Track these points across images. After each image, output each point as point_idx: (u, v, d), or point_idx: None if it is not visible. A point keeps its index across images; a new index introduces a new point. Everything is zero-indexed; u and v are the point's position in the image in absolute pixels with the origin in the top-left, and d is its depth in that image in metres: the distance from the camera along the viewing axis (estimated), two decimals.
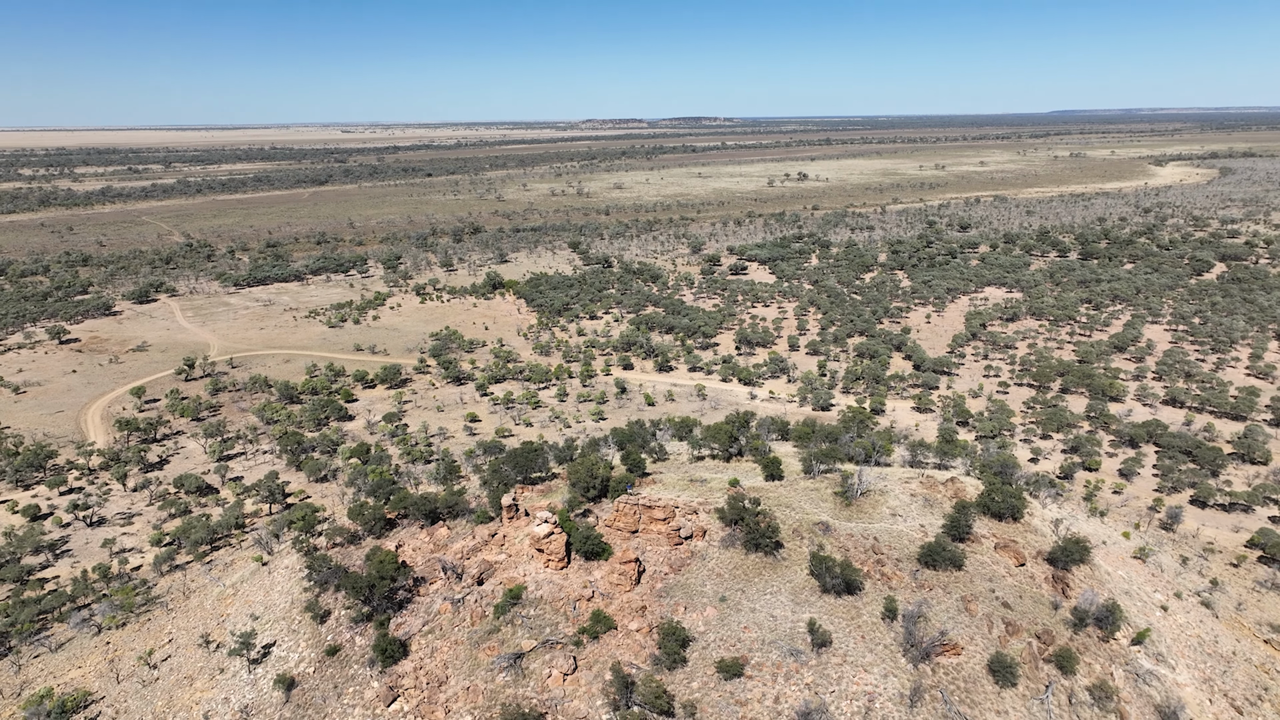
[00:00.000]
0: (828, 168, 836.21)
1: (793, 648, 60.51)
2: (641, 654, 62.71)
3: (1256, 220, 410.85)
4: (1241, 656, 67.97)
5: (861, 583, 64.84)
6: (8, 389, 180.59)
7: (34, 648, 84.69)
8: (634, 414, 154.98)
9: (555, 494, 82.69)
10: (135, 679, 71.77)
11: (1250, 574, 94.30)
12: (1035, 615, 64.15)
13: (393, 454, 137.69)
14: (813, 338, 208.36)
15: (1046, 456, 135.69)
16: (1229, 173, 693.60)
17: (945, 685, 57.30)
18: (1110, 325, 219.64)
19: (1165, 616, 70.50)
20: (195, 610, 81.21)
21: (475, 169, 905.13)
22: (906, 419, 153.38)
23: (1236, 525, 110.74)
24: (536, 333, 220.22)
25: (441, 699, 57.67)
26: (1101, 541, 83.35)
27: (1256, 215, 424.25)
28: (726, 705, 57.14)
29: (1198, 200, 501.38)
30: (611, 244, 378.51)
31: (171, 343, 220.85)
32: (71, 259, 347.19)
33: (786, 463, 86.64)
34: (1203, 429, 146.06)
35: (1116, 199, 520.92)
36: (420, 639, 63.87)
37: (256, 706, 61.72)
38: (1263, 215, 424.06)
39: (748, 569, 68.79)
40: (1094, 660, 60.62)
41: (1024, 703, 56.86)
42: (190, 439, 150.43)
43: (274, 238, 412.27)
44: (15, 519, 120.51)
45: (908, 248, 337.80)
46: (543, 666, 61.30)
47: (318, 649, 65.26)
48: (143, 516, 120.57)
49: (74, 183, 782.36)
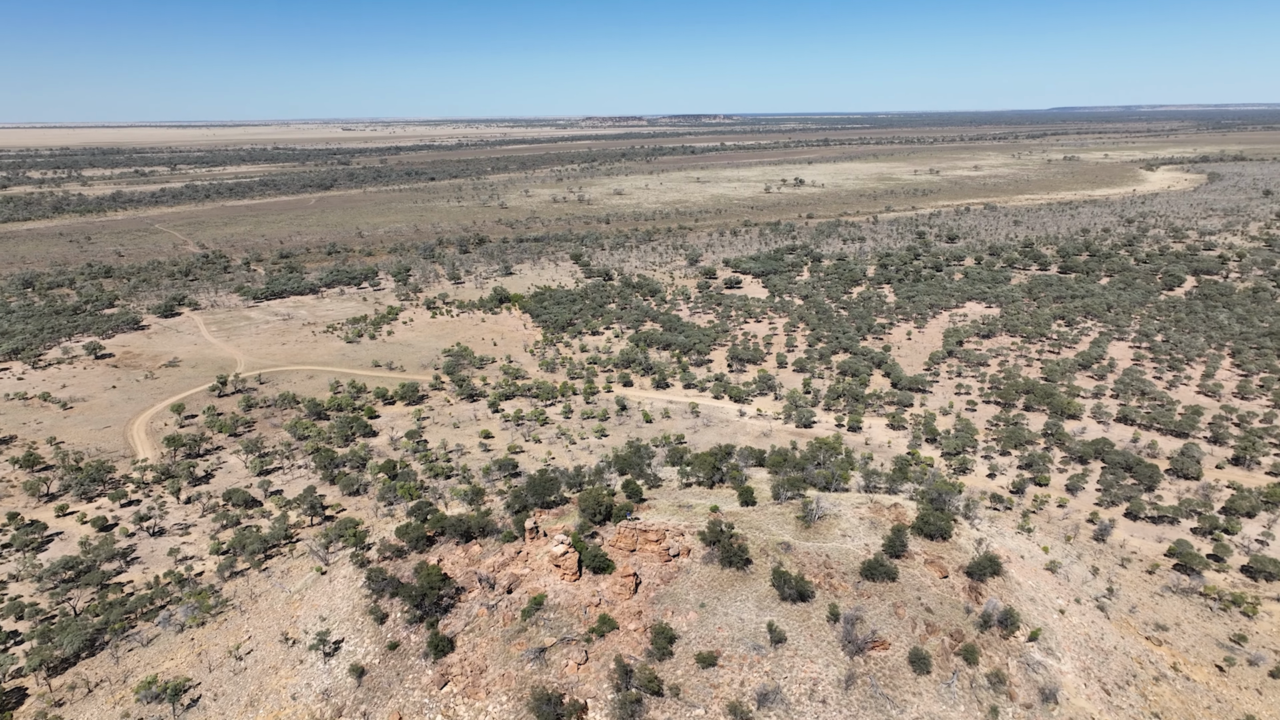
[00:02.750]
0: (824, 172, 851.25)
1: (756, 644, 76.73)
2: (638, 648, 78.64)
3: (1235, 231, 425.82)
4: (1121, 650, 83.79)
5: (813, 592, 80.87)
6: (56, 405, 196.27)
7: (127, 643, 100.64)
8: (633, 430, 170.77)
9: (568, 518, 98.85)
10: (225, 668, 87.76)
11: (1161, 580, 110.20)
12: (951, 618, 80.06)
13: (416, 469, 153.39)
14: (800, 355, 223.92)
15: (1003, 472, 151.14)
16: (1217, 179, 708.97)
17: (874, 673, 73.31)
18: (1079, 342, 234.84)
19: (1062, 618, 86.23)
20: (266, 612, 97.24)
21: (477, 172, 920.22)
22: (880, 436, 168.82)
23: (1160, 536, 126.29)
24: (542, 349, 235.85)
25: (483, 683, 73.86)
26: (1020, 556, 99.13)
27: (1235, 226, 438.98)
28: (704, 688, 73.45)
29: (1181, 209, 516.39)
30: (612, 255, 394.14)
31: (200, 358, 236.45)
32: (94, 270, 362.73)
33: (759, 489, 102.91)
34: (1147, 446, 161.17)
35: (1103, 207, 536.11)
36: (463, 636, 79.98)
37: (334, 690, 77.71)
38: (1241, 226, 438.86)
39: (722, 581, 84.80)
40: (994, 654, 76.50)
41: (935, 687, 72.83)
42: (231, 455, 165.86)
43: (286, 248, 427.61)
44: (86, 529, 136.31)
45: (896, 260, 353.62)
46: (561, 658, 77.30)
47: (380, 644, 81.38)
48: (197, 527, 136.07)
49: (83, 186, 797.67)
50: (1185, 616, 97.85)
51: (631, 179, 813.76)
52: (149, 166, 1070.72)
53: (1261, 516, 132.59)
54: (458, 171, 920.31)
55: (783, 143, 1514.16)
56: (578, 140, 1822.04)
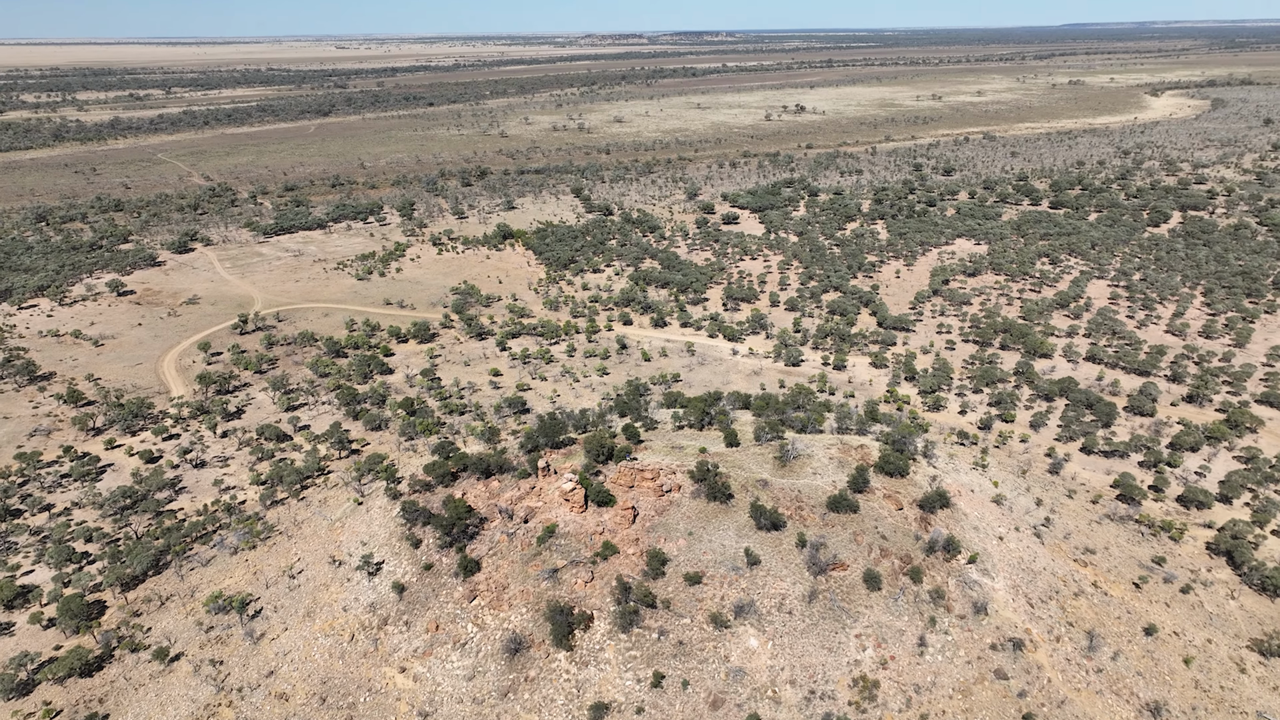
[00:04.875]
0: (826, 97, 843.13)
1: (735, 565, 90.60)
2: (636, 569, 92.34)
3: (1229, 164, 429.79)
4: (1049, 571, 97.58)
5: (785, 522, 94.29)
6: (88, 342, 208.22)
7: (188, 563, 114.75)
8: (632, 369, 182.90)
9: (575, 457, 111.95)
10: (281, 585, 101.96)
11: (1102, 509, 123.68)
12: (902, 544, 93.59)
13: (432, 406, 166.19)
14: (792, 294, 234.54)
15: (974, 409, 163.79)
16: (1220, 105, 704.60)
17: (834, 589, 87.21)
18: (1060, 281, 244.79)
19: (1000, 544, 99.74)
20: (311, 537, 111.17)
21: (476, 96, 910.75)
22: (863, 374, 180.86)
23: (1110, 469, 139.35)
24: (545, 287, 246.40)
25: (505, 597, 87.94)
26: (971, 490, 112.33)
27: (1230, 158, 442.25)
28: (690, 601, 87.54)
29: (1180, 139, 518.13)
30: (612, 188, 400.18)
31: (219, 295, 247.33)
32: (104, 204, 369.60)
33: (743, 431, 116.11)
34: (1109, 384, 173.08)
35: (1102, 137, 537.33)
36: (487, 559, 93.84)
37: (379, 603, 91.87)
38: (1235, 159, 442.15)
39: (708, 513, 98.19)
40: (936, 574, 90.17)
41: (884, 601, 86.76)
42: (259, 391, 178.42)
43: (290, 180, 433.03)
44: (134, 461, 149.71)
45: (890, 195, 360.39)
46: (571, 577, 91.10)
47: (416, 566, 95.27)
48: (235, 460, 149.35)
49: (80, 112, 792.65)
50: (1116, 541, 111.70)
51: (632, 105, 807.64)
52: (143, 90, 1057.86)
53: (1204, 450, 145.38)
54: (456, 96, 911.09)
55: (786, 64, 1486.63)
56: (577, 60, 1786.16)
